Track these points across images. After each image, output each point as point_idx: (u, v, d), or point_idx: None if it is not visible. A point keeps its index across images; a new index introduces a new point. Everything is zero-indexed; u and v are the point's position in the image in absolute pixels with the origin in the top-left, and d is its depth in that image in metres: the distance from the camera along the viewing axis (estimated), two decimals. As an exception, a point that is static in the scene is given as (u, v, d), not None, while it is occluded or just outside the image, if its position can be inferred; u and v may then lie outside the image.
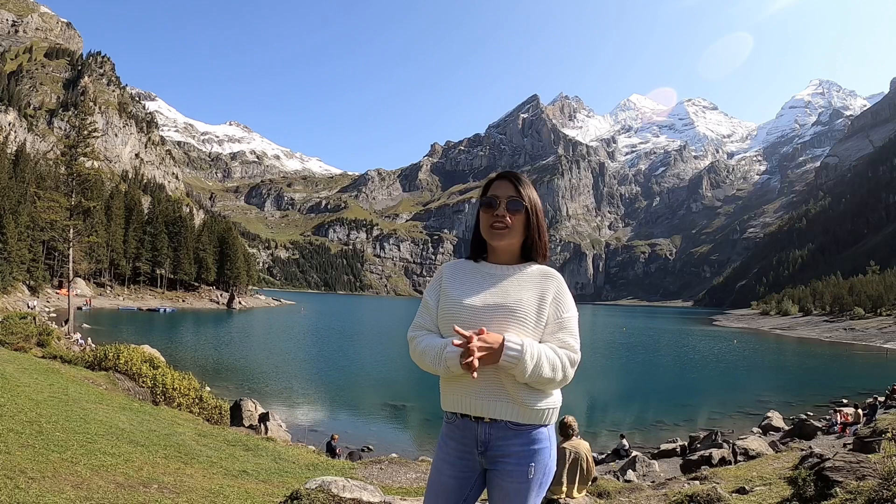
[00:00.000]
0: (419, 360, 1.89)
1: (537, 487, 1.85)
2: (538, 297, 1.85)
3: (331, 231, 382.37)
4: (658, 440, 16.90)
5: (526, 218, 1.92)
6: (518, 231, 1.92)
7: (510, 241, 1.92)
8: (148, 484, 4.43)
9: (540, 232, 1.96)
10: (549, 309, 1.85)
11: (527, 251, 1.96)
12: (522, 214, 1.91)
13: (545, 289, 1.87)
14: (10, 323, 15.27)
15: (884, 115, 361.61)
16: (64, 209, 33.02)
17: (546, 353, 1.75)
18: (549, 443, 1.88)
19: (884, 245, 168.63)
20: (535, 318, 1.82)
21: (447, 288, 1.94)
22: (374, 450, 14.50)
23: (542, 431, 1.85)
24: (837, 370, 39.56)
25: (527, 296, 1.85)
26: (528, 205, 1.92)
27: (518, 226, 1.91)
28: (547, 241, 1.99)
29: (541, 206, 1.98)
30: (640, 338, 65.63)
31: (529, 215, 1.93)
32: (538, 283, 1.88)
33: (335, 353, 37.81)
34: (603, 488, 6.86)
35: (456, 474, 1.89)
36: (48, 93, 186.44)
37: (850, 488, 4.09)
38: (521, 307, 1.82)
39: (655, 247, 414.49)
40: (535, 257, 1.96)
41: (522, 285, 1.87)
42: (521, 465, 1.81)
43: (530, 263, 1.94)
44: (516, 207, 1.90)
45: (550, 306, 1.85)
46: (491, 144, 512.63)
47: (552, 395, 1.86)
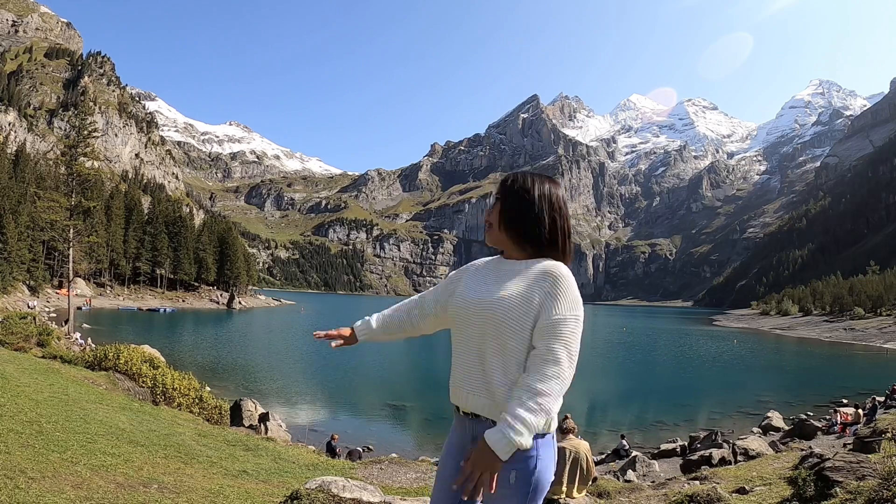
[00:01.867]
0: (390, 311, 2.10)
1: (521, 497, 1.72)
2: (525, 296, 1.73)
3: (331, 231, 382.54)
4: (658, 440, 16.90)
5: (501, 210, 1.85)
6: (499, 226, 1.85)
7: (496, 238, 1.87)
8: (148, 484, 4.43)
9: (526, 222, 1.82)
10: (537, 310, 1.72)
11: (536, 247, 1.84)
12: (497, 209, 1.87)
13: (537, 287, 1.73)
14: (10, 323, 15.27)
15: (884, 115, 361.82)
16: (64, 209, 33.04)
17: (527, 412, 1.61)
18: (535, 452, 1.72)
19: (884, 245, 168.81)
20: (517, 318, 1.72)
21: (464, 279, 1.95)
22: (374, 450, 14.52)
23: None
24: (837, 370, 39.58)
25: (513, 294, 1.74)
26: (502, 196, 1.86)
27: (498, 220, 1.86)
28: (555, 234, 1.83)
29: (533, 197, 1.82)
30: (640, 338, 65.63)
31: (504, 207, 1.84)
32: (532, 281, 1.75)
33: (335, 353, 37.73)
34: (603, 488, 6.86)
35: (456, 466, 1.83)
36: (48, 93, 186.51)
37: (850, 488, 4.09)
38: (500, 306, 1.74)
39: (655, 247, 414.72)
40: (546, 253, 1.82)
41: (516, 282, 1.77)
42: (503, 470, 1.68)
43: (539, 260, 1.81)
44: (493, 203, 1.90)
45: (541, 306, 1.71)
46: (491, 144, 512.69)
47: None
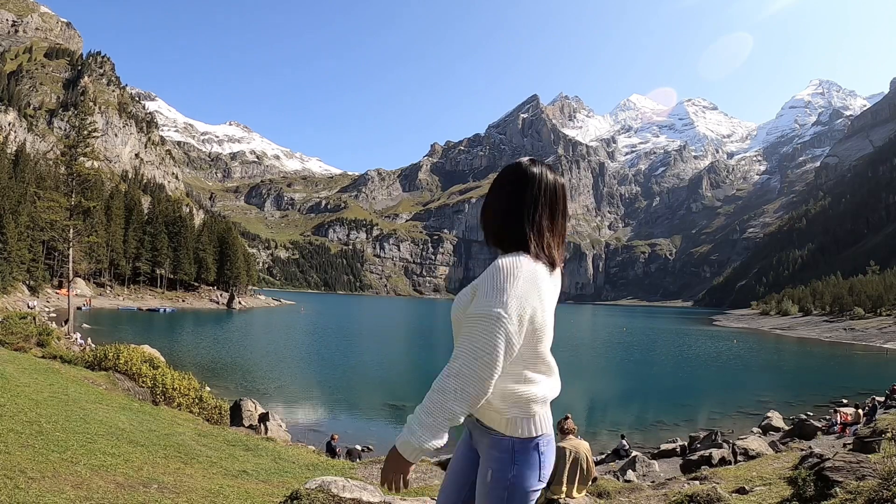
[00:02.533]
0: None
1: (496, 499, 1.68)
2: (466, 293, 1.69)
3: (331, 231, 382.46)
4: (658, 440, 16.90)
5: (483, 209, 1.81)
6: (484, 225, 1.81)
7: (486, 238, 1.81)
8: (148, 484, 4.43)
9: (495, 218, 1.75)
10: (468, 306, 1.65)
11: (498, 243, 1.76)
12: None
13: (478, 281, 1.65)
14: (10, 323, 15.28)
15: (884, 115, 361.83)
16: (64, 209, 33.05)
17: (420, 410, 1.60)
18: (509, 456, 1.68)
19: (884, 245, 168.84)
20: (459, 317, 1.69)
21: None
22: (374, 450, 14.52)
23: (502, 441, 1.70)
24: (837, 370, 39.56)
25: (463, 292, 1.71)
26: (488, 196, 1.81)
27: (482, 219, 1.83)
28: (517, 226, 1.70)
29: (503, 193, 1.75)
30: (640, 338, 65.62)
31: (487, 205, 1.80)
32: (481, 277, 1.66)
33: (335, 353, 37.80)
34: (603, 488, 6.86)
35: (465, 455, 1.91)
36: (48, 93, 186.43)
37: (850, 488, 4.09)
38: (454, 307, 1.74)
39: (655, 247, 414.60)
40: (504, 247, 1.72)
41: (474, 281, 1.70)
42: (484, 465, 1.74)
43: (498, 255, 1.70)
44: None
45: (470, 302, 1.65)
46: (491, 144, 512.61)
47: (503, 402, 1.68)
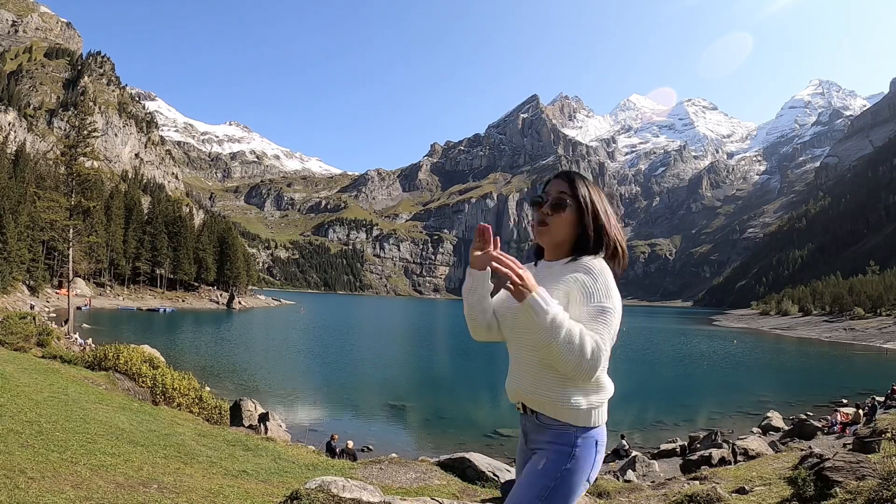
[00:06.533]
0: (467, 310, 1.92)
1: (541, 488, 1.71)
2: (564, 293, 1.72)
3: (331, 231, 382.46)
4: (658, 440, 16.89)
5: (575, 217, 1.81)
6: (561, 230, 1.81)
7: (551, 239, 1.84)
8: (148, 484, 4.43)
9: (594, 229, 1.80)
10: (575, 304, 1.70)
11: (579, 247, 1.82)
12: (568, 213, 1.80)
13: (572, 283, 1.71)
14: (10, 323, 15.28)
15: (884, 115, 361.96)
16: (64, 209, 33.07)
17: (569, 323, 1.59)
18: (570, 448, 1.73)
19: (884, 245, 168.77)
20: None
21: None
22: (374, 450, 14.52)
23: (565, 433, 1.74)
24: (837, 370, 39.54)
25: (553, 293, 1.71)
26: (583, 203, 1.80)
27: (562, 224, 1.81)
28: (608, 238, 1.81)
29: (601, 204, 1.84)
30: (640, 338, 65.58)
31: (583, 214, 1.80)
32: (567, 279, 1.73)
33: (335, 353, 37.78)
34: (603, 488, 6.87)
35: (526, 460, 1.89)
36: (48, 93, 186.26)
37: (849, 488, 4.09)
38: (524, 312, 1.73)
39: (655, 247, 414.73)
40: (586, 252, 1.80)
41: (554, 282, 1.74)
42: (538, 456, 1.78)
43: (576, 258, 1.78)
44: (560, 205, 1.81)
45: (578, 300, 1.70)
46: (491, 144, 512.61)
47: (576, 390, 1.71)
